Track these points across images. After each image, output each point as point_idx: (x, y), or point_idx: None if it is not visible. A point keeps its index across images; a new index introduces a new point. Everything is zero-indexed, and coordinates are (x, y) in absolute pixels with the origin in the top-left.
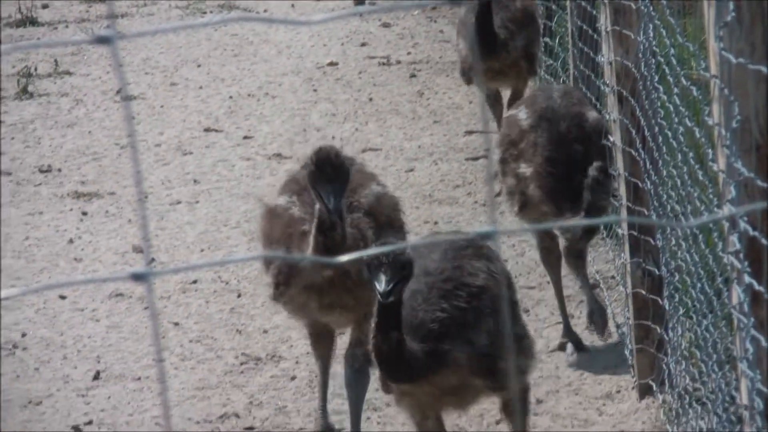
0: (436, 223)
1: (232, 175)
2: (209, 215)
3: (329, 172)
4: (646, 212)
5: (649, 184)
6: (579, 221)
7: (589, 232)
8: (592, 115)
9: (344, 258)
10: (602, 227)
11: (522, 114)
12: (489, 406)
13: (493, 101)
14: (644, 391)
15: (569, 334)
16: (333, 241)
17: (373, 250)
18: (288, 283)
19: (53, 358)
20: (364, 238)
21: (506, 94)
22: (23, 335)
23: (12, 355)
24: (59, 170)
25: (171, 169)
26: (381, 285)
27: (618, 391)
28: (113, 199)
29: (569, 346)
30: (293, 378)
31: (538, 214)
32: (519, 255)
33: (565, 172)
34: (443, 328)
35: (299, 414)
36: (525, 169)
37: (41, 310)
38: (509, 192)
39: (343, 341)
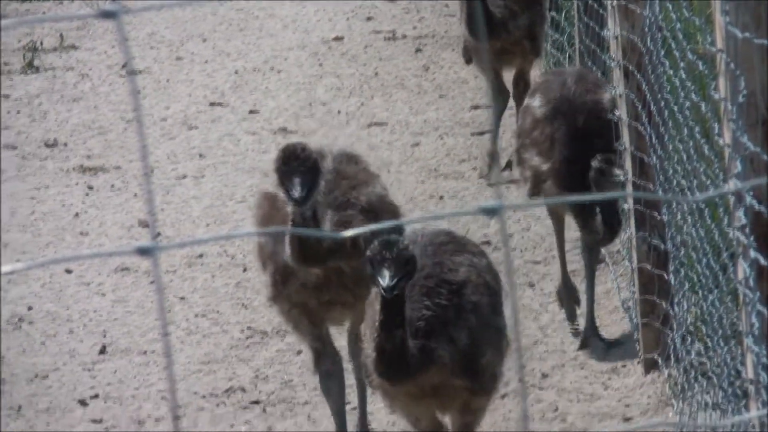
0: (441, 197)
1: (238, 149)
2: (215, 189)
3: (295, 165)
4: (651, 187)
5: (654, 158)
6: (585, 196)
7: (612, 232)
8: (607, 97)
9: (348, 233)
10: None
11: (536, 102)
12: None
13: (497, 92)
14: (650, 366)
15: (566, 280)
16: (307, 242)
17: (373, 226)
18: (286, 282)
19: (59, 332)
20: (355, 238)
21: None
22: (29, 309)
23: (18, 329)
24: (65, 144)
25: (177, 144)
26: (384, 280)
27: (623, 366)
28: (119, 173)
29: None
30: (299, 352)
31: (554, 208)
32: (524, 230)
33: (583, 171)
34: (428, 326)
35: (305, 388)
36: (540, 162)
37: (47, 284)
38: (523, 179)
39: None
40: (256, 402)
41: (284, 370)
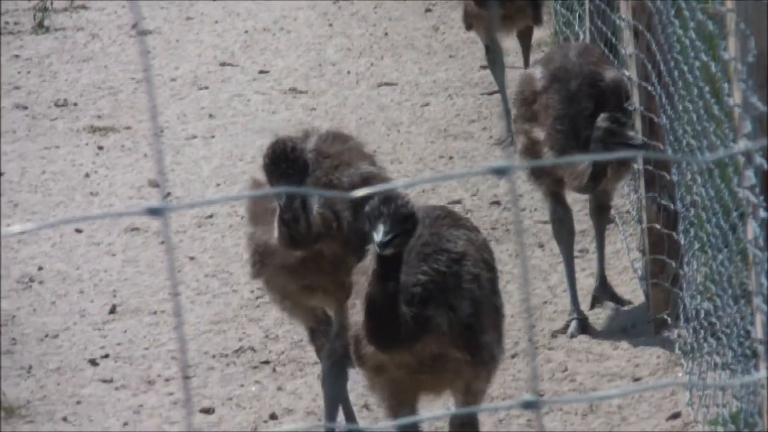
0: (451, 157)
1: (248, 109)
2: (225, 150)
3: (284, 167)
4: (661, 147)
5: (664, 118)
6: (597, 155)
7: (596, 177)
8: (609, 74)
9: (358, 192)
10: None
11: (538, 73)
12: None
13: (493, 56)
14: (659, 326)
15: (577, 311)
16: (297, 232)
17: (383, 186)
18: (263, 262)
19: (70, 292)
20: (339, 220)
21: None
22: (40, 269)
23: (28, 288)
24: (75, 104)
25: (186, 104)
26: (378, 235)
27: (633, 326)
28: (129, 133)
29: (574, 324)
30: None
31: (551, 179)
32: (534, 190)
33: (576, 131)
34: (426, 292)
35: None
36: (539, 133)
37: (58, 244)
38: (522, 152)
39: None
40: (266, 362)
41: (294, 330)
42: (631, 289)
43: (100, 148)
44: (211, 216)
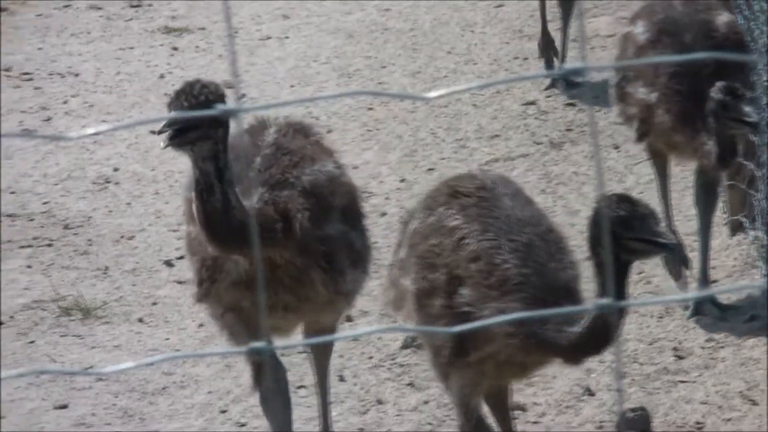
0: (525, 59)
1: (322, 10)
2: (299, 51)
3: (182, 99)
4: None
5: (741, 19)
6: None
7: (725, 158)
8: (721, 19)
9: (433, 95)
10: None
11: (639, 29)
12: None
13: None
14: (735, 228)
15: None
16: (212, 208)
17: (460, 87)
18: (213, 279)
19: (145, 193)
20: (290, 220)
21: None
22: (115, 170)
23: (104, 189)
24: (150, 5)
25: (261, 5)
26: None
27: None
28: (203, 34)
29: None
30: (383, 214)
31: (668, 145)
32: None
33: (695, 90)
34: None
35: (390, 249)
36: (647, 94)
37: (133, 145)
38: (626, 117)
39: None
40: None
41: (371, 229)
42: None
43: (175, 48)
44: (286, 117)
